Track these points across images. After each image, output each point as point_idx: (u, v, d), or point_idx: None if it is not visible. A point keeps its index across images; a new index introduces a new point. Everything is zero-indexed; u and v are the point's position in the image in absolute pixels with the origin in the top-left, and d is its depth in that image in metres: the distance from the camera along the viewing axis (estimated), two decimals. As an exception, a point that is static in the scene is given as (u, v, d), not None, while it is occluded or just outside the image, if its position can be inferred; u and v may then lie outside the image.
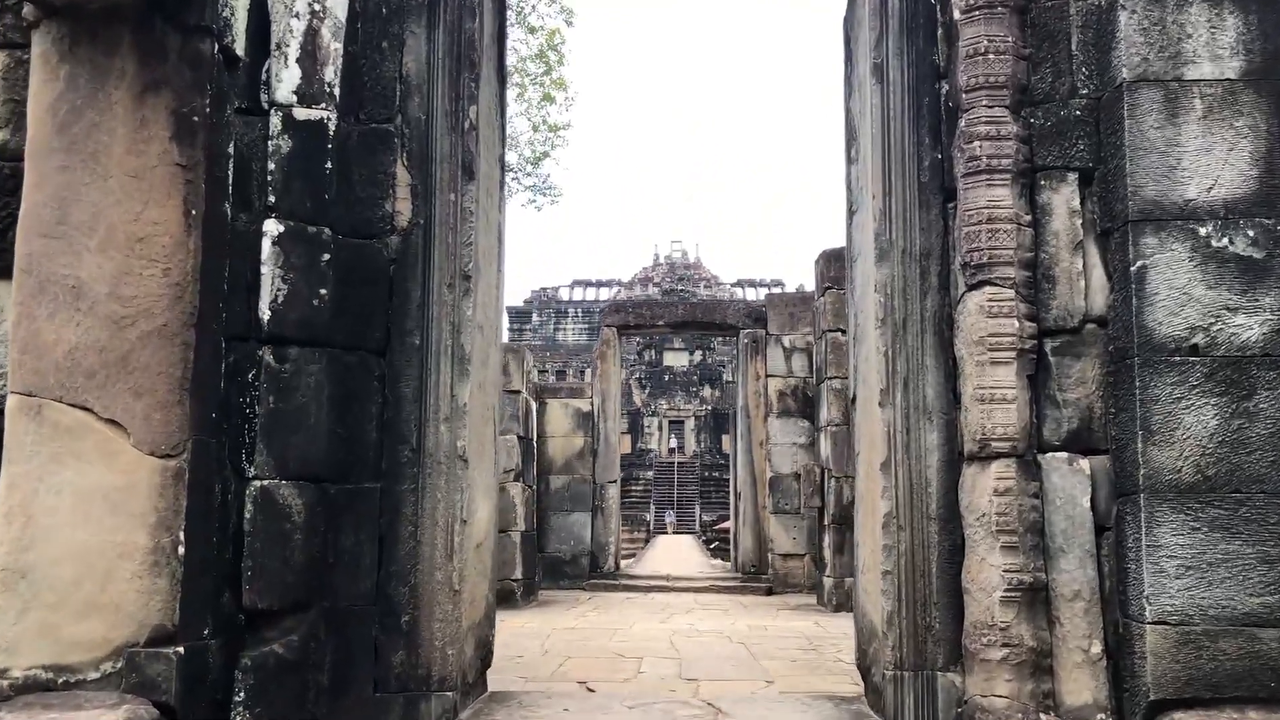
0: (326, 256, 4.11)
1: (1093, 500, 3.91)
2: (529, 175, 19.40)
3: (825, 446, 11.48)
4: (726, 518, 31.71)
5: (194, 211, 3.83)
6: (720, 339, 50.16)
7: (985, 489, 3.91)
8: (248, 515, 3.92)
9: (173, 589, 3.66)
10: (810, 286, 13.89)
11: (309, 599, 4.01)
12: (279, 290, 4.02)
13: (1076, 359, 4.01)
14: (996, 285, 3.97)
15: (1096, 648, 3.83)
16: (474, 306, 4.32)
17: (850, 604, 10.99)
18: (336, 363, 4.13)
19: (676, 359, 52.76)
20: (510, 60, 18.08)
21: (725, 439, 44.37)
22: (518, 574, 11.09)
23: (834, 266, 11.55)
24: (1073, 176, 4.07)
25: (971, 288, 4.03)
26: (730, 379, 49.03)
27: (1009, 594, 3.84)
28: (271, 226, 4.05)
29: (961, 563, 4.05)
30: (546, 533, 13.61)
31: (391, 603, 4.15)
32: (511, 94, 18.43)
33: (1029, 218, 4.05)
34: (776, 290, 55.49)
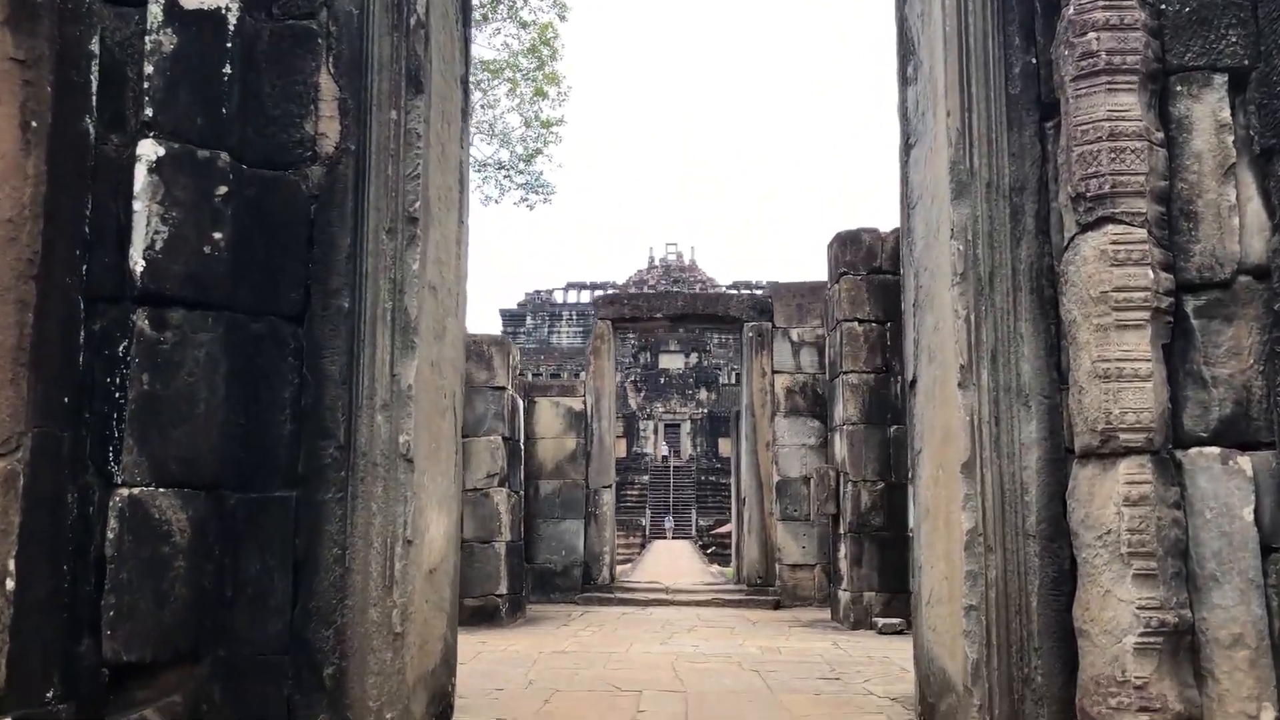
0: (223, 190, 3.10)
1: (1256, 512, 2.89)
2: (521, 173, 18.65)
3: (841, 448, 10.45)
4: (723, 522, 30.68)
5: (35, 124, 2.86)
6: (718, 339, 49.22)
7: (1110, 497, 2.89)
8: (110, 535, 2.92)
9: (-2, 639, 2.68)
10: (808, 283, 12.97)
11: (198, 647, 3.01)
12: (157, 234, 3.01)
13: (1228, 323, 2.99)
14: (1123, 223, 2.95)
15: (1269, 714, 2.81)
16: (422, 260, 3.29)
17: (869, 620, 10.06)
18: (237, 331, 3.11)
19: (672, 361, 51.75)
20: (502, 55, 17.27)
21: (722, 442, 43.32)
22: (502, 589, 10.04)
23: (849, 250, 10.55)
24: (1220, 80, 3.05)
25: (1086, 227, 3.01)
26: (727, 381, 48.02)
27: (1146, 639, 2.81)
28: (148, 149, 3.04)
29: (1070, 593, 3.03)
30: (536, 542, 12.54)
31: (311, 651, 3.12)
32: (503, 89, 17.71)
33: (1161, 135, 3.04)
34: (774, 291, 54.51)
